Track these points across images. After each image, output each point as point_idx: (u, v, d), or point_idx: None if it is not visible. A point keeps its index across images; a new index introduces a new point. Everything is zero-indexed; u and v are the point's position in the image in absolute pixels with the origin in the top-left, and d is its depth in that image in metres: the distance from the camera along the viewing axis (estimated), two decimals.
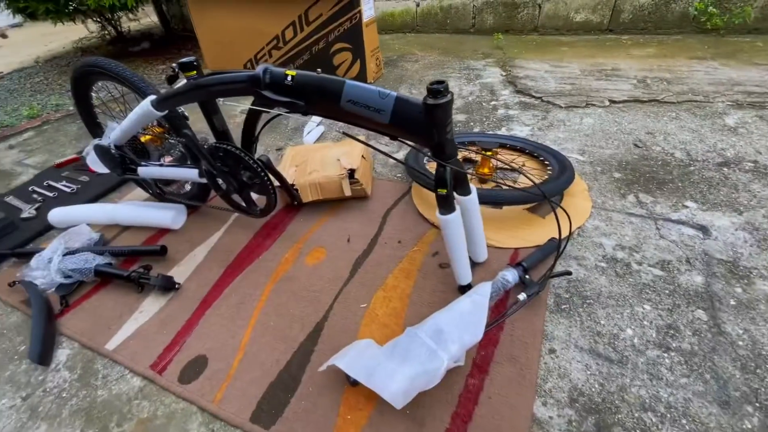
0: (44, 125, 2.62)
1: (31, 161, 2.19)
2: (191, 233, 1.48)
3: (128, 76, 1.22)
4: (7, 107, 3.02)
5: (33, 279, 1.29)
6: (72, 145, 2.32)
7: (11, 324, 1.23)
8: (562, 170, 1.36)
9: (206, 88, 1.04)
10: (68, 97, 3.06)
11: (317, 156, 1.52)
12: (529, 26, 3.18)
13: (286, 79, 0.92)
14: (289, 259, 1.31)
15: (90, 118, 1.51)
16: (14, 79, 3.74)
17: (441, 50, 3.11)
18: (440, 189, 0.90)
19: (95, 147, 1.37)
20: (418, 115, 0.83)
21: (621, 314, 1.00)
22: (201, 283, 1.26)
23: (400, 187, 1.58)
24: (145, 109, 1.15)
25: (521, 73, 2.51)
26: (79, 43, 4.67)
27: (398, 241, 1.31)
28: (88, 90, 1.41)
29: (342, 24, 2.44)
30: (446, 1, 3.35)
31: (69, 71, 3.70)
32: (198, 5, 2.88)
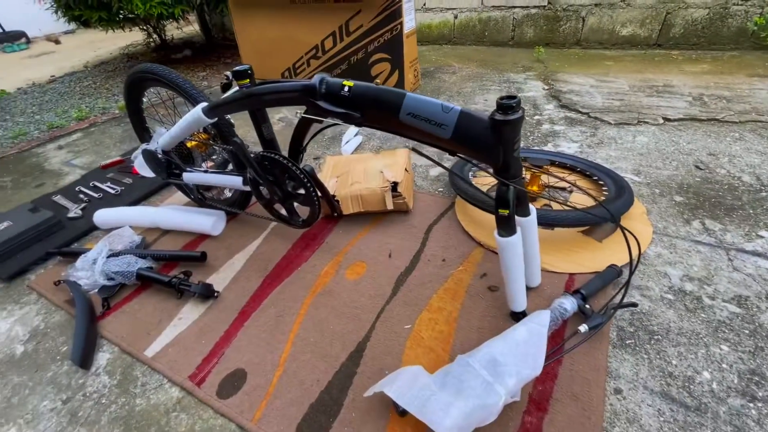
0: (91, 127, 2.72)
1: (78, 162, 2.27)
2: (230, 240, 1.47)
3: (180, 83, 1.23)
4: (57, 109, 3.17)
5: (77, 279, 1.31)
6: (116, 147, 2.39)
7: (55, 323, 1.24)
8: (619, 191, 1.27)
9: (259, 96, 1.03)
10: (114, 101, 3.18)
11: (359, 167, 1.49)
12: (571, 39, 3.10)
13: (343, 90, 0.90)
14: (328, 273, 1.27)
15: (139, 123, 1.54)
16: (65, 82, 3.93)
17: (479, 62, 3.06)
18: (502, 209, 0.84)
19: (143, 151, 1.39)
20: (484, 132, 0.78)
21: (695, 354, 0.91)
22: (239, 293, 1.24)
23: (441, 202, 1.53)
24: (196, 116, 1.15)
25: (565, 87, 2.43)
26: (125, 50, 4.89)
27: (442, 260, 1.26)
28: (141, 95, 1.44)
29: (382, 35, 2.44)
30: (485, 14, 3.31)
31: (115, 75, 3.86)
32: (241, 14, 2.95)
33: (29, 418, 0.98)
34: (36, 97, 3.56)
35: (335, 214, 1.45)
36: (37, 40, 6.70)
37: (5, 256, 1.48)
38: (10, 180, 2.15)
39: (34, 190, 2.02)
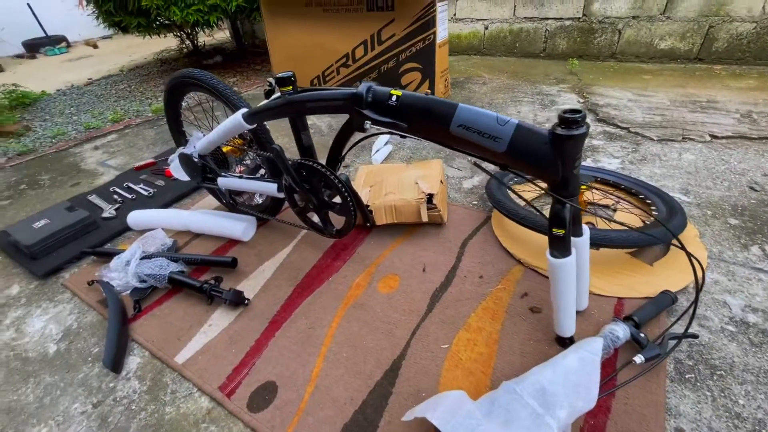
0: (126, 129, 2.79)
1: (112, 162, 2.32)
2: (260, 247, 1.46)
3: (221, 88, 1.23)
4: (94, 110, 3.27)
5: (110, 280, 1.31)
6: (149, 149, 2.44)
7: (87, 323, 1.24)
8: (670, 212, 1.20)
9: (302, 104, 1.01)
10: (147, 104, 3.26)
11: (393, 177, 1.46)
12: (606, 52, 3.02)
13: (390, 99, 0.87)
14: (360, 285, 1.24)
15: (176, 127, 1.55)
16: (102, 85, 4.07)
17: (510, 73, 3.01)
18: (557, 229, 0.79)
19: (179, 155, 1.39)
20: (542, 146, 0.74)
21: (765, 394, 0.83)
22: (270, 302, 1.22)
23: (476, 215, 1.48)
24: (236, 121, 1.15)
25: (601, 100, 2.35)
26: (159, 55, 5.04)
27: (479, 276, 1.21)
28: (180, 99, 1.45)
29: (415, 44, 2.42)
30: (517, 25, 3.26)
31: (149, 79, 3.97)
32: (273, 22, 2.99)
33: (60, 420, 0.97)
34: (74, 98, 3.69)
35: (368, 225, 1.42)
36: (76, 44, 7.00)
37: (42, 253, 1.50)
38: (48, 178, 2.21)
39: (71, 189, 2.07)
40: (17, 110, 3.39)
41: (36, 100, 3.67)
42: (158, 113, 3.02)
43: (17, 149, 2.57)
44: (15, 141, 2.74)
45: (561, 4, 3.00)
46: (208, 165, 1.38)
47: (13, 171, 2.33)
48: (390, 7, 2.39)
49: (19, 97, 3.53)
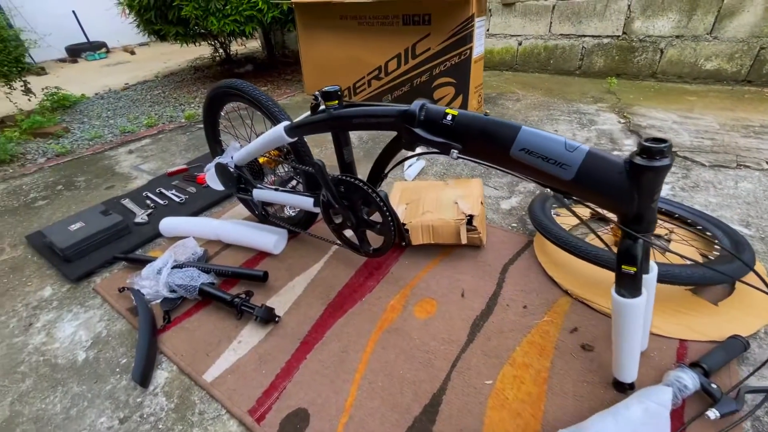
0: (159, 134, 2.84)
1: (145, 167, 2.35)
2: (291, 261, 1.43)
3: (263, 99, 1.22)
4: (129, 115, 3.35)
5: (141, 288, 1.30)
6: (181, 155, 2.47)
7: (116, 332, 1.22)
8: (736, 246, 1.11)
9: (348, 120, 0.98)
10: (181, 110, 3.33)
11: (431, 196, 1.41)
12: (646, 71, 2.92)
13: (445, 118, 0.83)
14: (395, 307, 1.18)
15: (213, 136, 1.55)
16: (138, 90, 4.19)
17: (544, 91, 2.94)
18: (627, 266, 0.72)
19: (216, 164, 1.38)
20: (617, 177, 0.68)
21: None
22: (301, 320, 1.18)
23: (517, 238, 1.41)
24: (277, 134, 1.12)
25: (644, 121, 2.26)
26: (193, 63, 5.18)
27: (523, 306, 1.13)
28: (220, 109, 1.45)
29: (450, 59, 2.39)
30: (552, 42, 3.20)
31: (182, 86, 4.07)
32: (307, 33, 3.02)
33: None
34: (111, 102, 3.81)
35: (403, 243, 1.37)
36: (115, 50, 7.29)
37: (76, 256, 1.51)
38: (83, 180, 2.25)
39: (105, 191, 2.10)
40: (57, 112, 3.52)
41: (75, 103, 3.80)
42: (191, 119, 3.07)
43: (56, 150, 2.65)
44: (54, 142, 2.82)
45: (600, 22, 2.93)
46: (243, 176, 1.36)
47: (51, 171, 2.39)
48: (426, 22, 2.38)
49: (60, 100, 3.66)
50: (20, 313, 1.34)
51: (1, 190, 2.21)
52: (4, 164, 2.53)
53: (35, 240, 1.67)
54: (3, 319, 1.32)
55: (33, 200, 2.07)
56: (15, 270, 1.55)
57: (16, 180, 2.32)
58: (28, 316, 1.33)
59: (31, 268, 1.56)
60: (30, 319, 1.32)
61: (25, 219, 1.90)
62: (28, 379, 1.10)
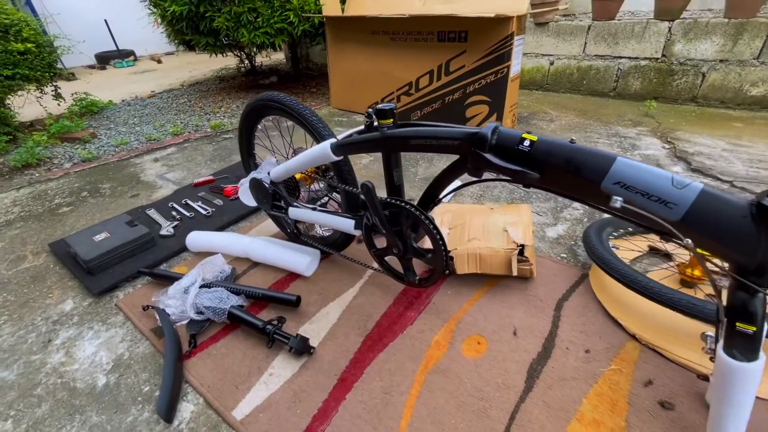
0: (185, 143, 2.82)
1: (171, 176, 2.31)
2: (323, 284, 1.34)
3: (307, 115, 1.15)
4: (155, 122, 3.36)
5: (166, 307, 1.22)
6: (207, 165, 2.43)
7: (139, 355, 1.15)
8: None
9: (404, 140, 0.90)
10: (206, 119, 3.32)
11: (477, 221, 1.32)
12: (686, 95, 2.81)
13: (522, 144, 0.74)
14: (440, 343, 1.08)
15: (247, 149, 1.49)
16: (164, 98, 4.22)
17: (578, 112, 2.85)
18: (744, 324, 0.62)
19: (251, 180, 1.32)
20: (740, 221, 0.58)
21: None
22: (337, 353, 1.08)
23: (568, 271, 1.31)
24: (323, 152, 1.05)
25: (690, 148, 2.14)
26: (218, 73, 5.24)
27: (585, 351, 1.02)
28: (257, 122, 1.39)
29: (486, 77, 2.32)
30: (586, 62, 3.13)
31: (207, 95, 4.09)
32: (337, 47, 3.00)
33: None
34: (137, 109, 3.83)
35: (446, 272, 1.27)
36: (142, 58, 7.47)
37: (99, 268, 1.45)
38: (108, 187, 2.22)
39: (129, 200, 2.06)
40: (85, 117, 3.55)
41: (103, 109, 3.83)
42: (217, 129, 3.05)
43: (82, 155, 2.64)
44: (81, 147, 2.82)
45: (638, 43, 2.85)
46: (279, 193, 1.29)
47: (77, 177, 2.37)
48: (463, 39, 2.32)
49: (88, 105, 3.70)
50: (39, 327, 1.28)
51: (26, 194, 2.19)
52: (31, 167, 2.53)
53: (58, 248, 1.62)
54: (22, 333, 1.26)
55: (57, 206, 2.04)
56: (36, 279, 1.50)
57: (41, 184, 2.30)
58: (48, 331, 1.26)
59: (52, 278, 1.50)
60: (49, 334, 1.25)
61: (49, 225, 1.86)
62: (45, 403, 1.03)
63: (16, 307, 1.37)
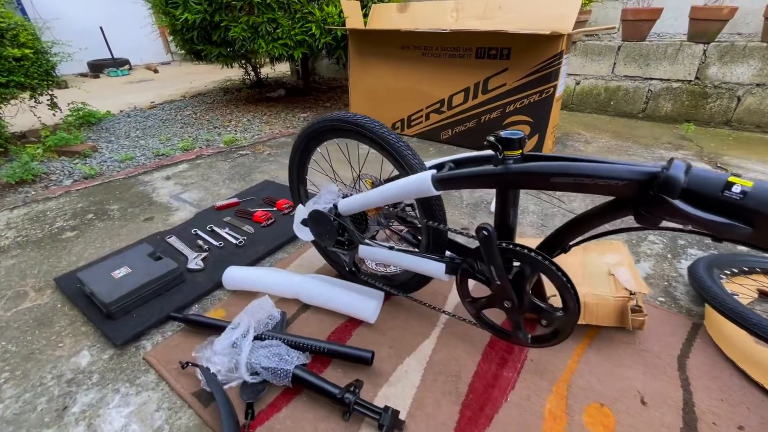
0: (197, 159, 2.61)
1: (187, 197, 2.10)
2: (392, 334, 1.15)
3: (392, 140, 0.98)
4: (161, 136, 3.13)
5: (212, 366, 1.01)
6: (225, 185, 2.22)
7: (181, 429, 0.93)
8: None
9: (541, 177, 0.73)
10: (217, 134, 3.12)
11: (573, 260, 1.15)
12: (719, 119, 2.76)
13: (729, 190, 0.58)
14: (556, 415, 0.90)
15: (299, 175, 1.30)
16: (165, 109, 4.00)
17: (612, 133, 2.76)
18: None
19: (313, 212, 1.13)
20: None
21: None
22: (432, 427, 0.89)
23: (674, 319, 1.15)
24: (421, 185, 0.88)
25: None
26: (222, 84, 5.05)
27: (738, 427, 0.86)
28: (317, 145, 1.21)
29: (528, 96, 2.21)
30: (614, 83, 3.06)
31: (214, 108, 3.88)
32: (360, 61, 2.86)
33: None
34: (139, 121, 3.60)
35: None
36: (137, 67, 7.21)
37: (121, 312, 1.23)
38: (117, 208, 1.99)
39: (144, 224, 1.83)
40: (82, 129, 3.30)
41: (100, 120, 3.59)
42: (231, 144, 2.85)
43: (84, 171, 2.40)
44: (81, 162, 2.58)
45: (670, 65, 2.79)
46: (346, 227, 1.11)
47: (80, 196, 2.13)
48: (505, 56, 2.21)
49: (85, 116, 3.45)
50: (50, 389, 1.05)
51: (22, 215, 1.94)
52: (26, 184, 2.28)
53: (67, 284, 1.38)
54: (28, 397, 1.03)
55: (60, 230, 1.80)
56: (42, 324, 1.26)
57: (39, 204, 2.05)
58: (61, 394, 1.03)
59: (61, 321, 1.27)
60: (64, 399, 1.02)
61: (52, 254, 1.62)
62: None
63: (18, 360, 1.14)
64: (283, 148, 2.75)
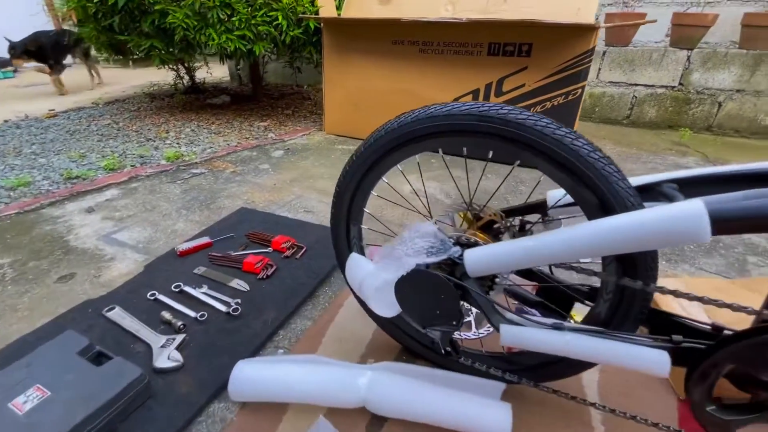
0: (132, 182, 1.92)
1: (126, 237, 1.45)
2: None
3: (593, 160, 0.56)
4: (71, 152, 2.35)
5: None
6: (182, 216, 1.61)
7: None
8: None
9: None
10: (153, 147, 2.42)
11: None
12: (701, 124, 2.79)
13: None
14: None
15: (350, 204, 0.81)
16: (72, 118, 3.13)
17: (611, 141, 2.64)
18: None
19: (415, 272, 0.66)
20: None
21: None
22: None
23: None
24: (689, 225, 0.47)
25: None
26: (148, 89, 4.20)
27: None
28: (402, 158, 0.74)
29: (553, 98, 1.94)
30: (599, 89, 2.98)
31: (142, 116, 3.10)
32: (338, 58, 2.40)
33: None
34: (35, 134, 2.72)
35: None
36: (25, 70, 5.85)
37: None
38: (9, 263, 1.29)
39: (59, 287, 1.18)
40: None
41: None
42: (174, 161, 2.19)
43: None
44: None
45: (655, 71, 2.77)
46: (477, 299, 0.66)
47: None
48: (525, 53, 1.92)
49: None
50: None
51: None
52: None
53: None
54: None
55: None
56: None
57: None
58: None
59: None
60: None
61: None
62: None
63: None
64: (249, 164, 2.17)
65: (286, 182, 1.95)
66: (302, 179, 1.98)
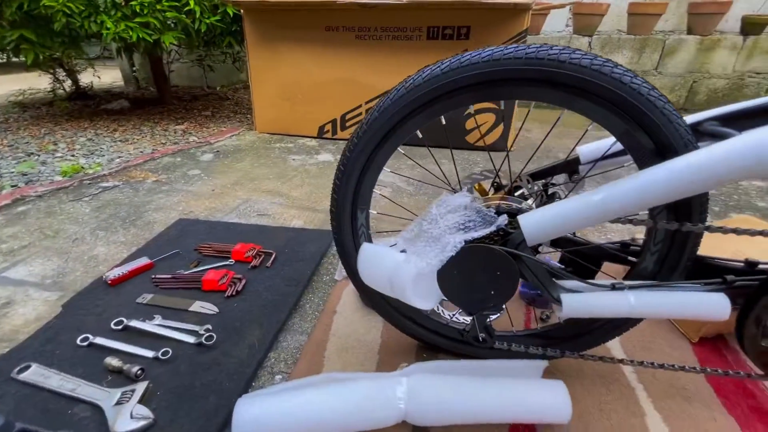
0: (19, 205, 1.51)
1: (24, 273, 1.11)
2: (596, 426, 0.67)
3: (646, 91, 0.52)
4: None
5: None
6: (100, 239, 1.29)
7: None
8: None
9: None
10: (39, 162, 1.95)
11: None
12: None
13: None
14: None
15: (359, 188, 0.68)
16: None
17: (535, 122, 2.82)
18: None
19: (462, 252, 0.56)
20: None
21: None
22: None
23: None
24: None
25: None
26: (16, 97, 3.43)
27: None
28: (415, 128, 0.62)
29: None
30: None
31: (15, 129, 2.50)
32: (265, 48, 2.19)
33: None
34: None
35: None
36: None
37: None
38: None
39: None
40: None
41: None
42: (74, 175, 1.78)
43: None
44: None
45: None
46: (537, 270, 0.58)
47: None
48: (463, 36, 1.93)
49: None
50: None
51: None
52: None
53: None
54: None
55: None
56: None
57: None
58: None
59: None
60: None
61: None
62: None
63: None
64: (174, 170, 1.86)
65: (226, 187, 1.69)
66: (245, 182, 1.75)
